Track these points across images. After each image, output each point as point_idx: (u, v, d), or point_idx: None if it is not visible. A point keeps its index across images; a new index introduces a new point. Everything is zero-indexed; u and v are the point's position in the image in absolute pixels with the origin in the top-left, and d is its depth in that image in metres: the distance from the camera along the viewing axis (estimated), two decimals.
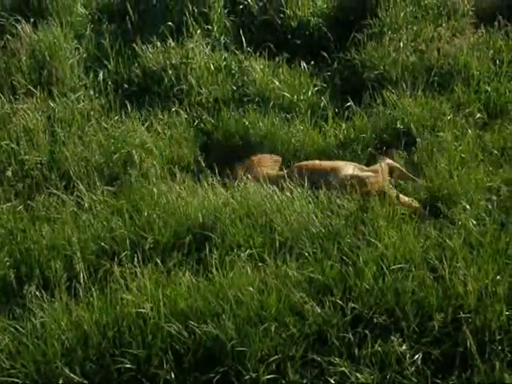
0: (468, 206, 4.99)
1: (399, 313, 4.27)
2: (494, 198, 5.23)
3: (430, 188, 5.38)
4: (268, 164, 5.88)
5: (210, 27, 7.67)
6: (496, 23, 7.53)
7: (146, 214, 4.99)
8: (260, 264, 4.55)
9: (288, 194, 5.21)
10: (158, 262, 4.61)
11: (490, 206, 5.00)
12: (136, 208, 5.05)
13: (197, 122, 6.51)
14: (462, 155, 5.87)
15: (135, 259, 4.58)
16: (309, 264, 4.62)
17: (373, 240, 4.68)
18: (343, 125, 6.44)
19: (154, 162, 5.49)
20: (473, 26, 7.71)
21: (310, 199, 5.28)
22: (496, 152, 5.89)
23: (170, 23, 7.45)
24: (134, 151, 5.62)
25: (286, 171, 5.75)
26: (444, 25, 7.69)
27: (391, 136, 6.29)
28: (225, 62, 7.21)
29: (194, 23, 7.53)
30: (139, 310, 4.18)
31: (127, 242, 4.77)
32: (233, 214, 4.96)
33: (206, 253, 4.62)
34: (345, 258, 4.66)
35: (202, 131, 6.38)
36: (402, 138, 6.20)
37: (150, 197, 5.11)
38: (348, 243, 4.73)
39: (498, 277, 4.41)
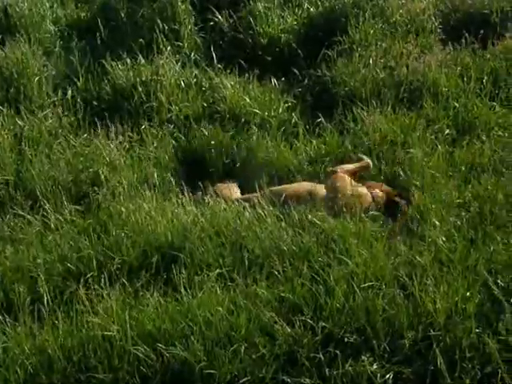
0: (438, 223, 4.96)
1: (370, 331, 4.20)
2: (464, 213, 5.23)
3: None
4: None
5: (180, 44, 7.61)
6: (463, 40, 7.61)
7: (113, 233, 4.88)
8: (230, 284, 4.46)
9: (259, 211, 5.16)
10: (126, 282, 4.50)
11: (459, 223, 4.98)
12: (104, 227, 4.93)
13: (168, 139, 6.45)
14: (432, 171, 5.87)
15: (102, 280, 4.47)
16: (279, 283, 4.55)
17: (344, 258, 4.63)
18: (314, 141, 6.40)
19: (123, 181, 5.36)
20: (441, 42, 7.74)
21: (282, 217, 5.24)
22: (464, 168, 5.91)
23: (140, 40, 7.38)
24: (101, 170, 5.50)
25: (257, 194, 5.68)
26: (412, 42, 7.71)
27: (362, 152, 6.29)
28: (195, 79, 7.14)
29: (164, 40, 7.46)
30: (105, 333, 4.07)
31: (94, 262, 4.65)
32: (202, 232, 4.87)
33: (175, 273, 4.52)
34: (315, 276, 4.60)
35: (173, 148, 6.30)
36: (373, 155, 6.21)
37: (117, 216, 5.00)
38: (319, 261, 4.67)
39: (468, 293, 4.39)
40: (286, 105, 6.95)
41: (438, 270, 4.55)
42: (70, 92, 6.87)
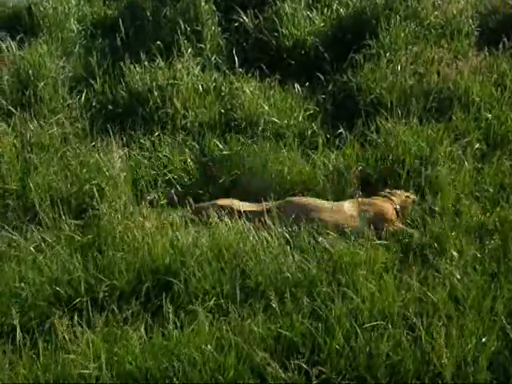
0: (456, 254, 4.44)
1: (371, 380, 3.74)
2: (487, 242, 4.69)
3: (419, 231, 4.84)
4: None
5: (202, 46, 7.17)
6: (501, 45, 6.98)
7: (108, 253, 4.50)
8: (222, 318, 4.03)
9: (264, 233, 4.71)
10: (115, 309, 4.12)
11: (479, 255, 4.44)
12: (98, 247, 4.56)
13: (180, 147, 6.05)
14: (457, 192, 5.33)
15: (89, 307, 4.10)
16: (277, 316, 4.12)
17: (349, 292, 4.15)
18: (333, 154, 5.89)
19: (124, 197, 4.95)
20: (476, 47, 7.11)
21: (289, 238, 4.78)
22: (492, 189, 5.34)
23: (159, 41, 6.97)
24: (104, 182, 5.12)
25: (272, 204, 5.25)
26: (446, 46, 7.12)
27: (384, 168, 5.78)
28: (214, 84, 6.70)
29: (185, 41, 7.02)
30: (82, 372, 3.70)
31: (82, 286, 4.27)
32: (201, 256, 4.46)
33: (167, 302, 4.11)
34: (317, 309, 4.15)
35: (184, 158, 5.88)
36: (395, 171, 5.70)
37: (113, 234, 4.62)
38: (322, 293, 4.20)
39: (483, 339, 3.88)
40: (307, 113, 6.47)
41: (451, 309, 4.05)
42: (84, 95, 6.54)
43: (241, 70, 6.83)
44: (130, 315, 4.09)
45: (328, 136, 6.24)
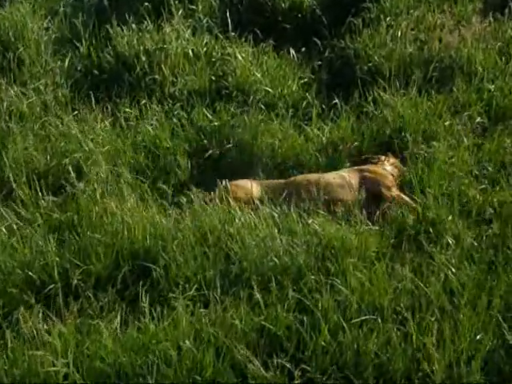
0: (452, 241, 4.11)
1: (357, 381, 3.47)
2: (485, 227, 4.36)
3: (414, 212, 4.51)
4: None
5: (193, 7, 6.69)
6: (507, 10, 6.49)
7: (85, 235, 4.18)
8: (202, 310, 3.73)
9: (251, 215, 4.37)
10: (91, 296, 3.82)
11: (476, 243, 4.12)
12: (75, 228, 4.23)
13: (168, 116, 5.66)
14: (454, 170, 4.98)
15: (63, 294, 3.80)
16: (261, 308, 3.82)
17: (337, 283, 3.83)
18: (327, 127, 5.50)
19: (103, 174, 4.58)
20: (480, 13, 6.63)
21: (278, 220, 4.45)
22: (492, 168, 4.99)
23: (148, 2, 6.46)
24: (84, 157, 4.74)
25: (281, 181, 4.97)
26: (449, 11, 6.66)
27: (380, 142, 5.41)
28: (205, 48, 6.27)
29: (175, 2, 6.55)
30: (49, 369, 3.42)
31: (56, 271, 3.96)
32: (183, 240, 4.14)
33: (145, 290, 3.80)
34: (304, 299, 3.85)
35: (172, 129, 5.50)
36: (392, 145, 5.33)
37: (92, 214, 4.28)
38: (309, 282, 3.89)
39: (478, 336, 3.59)
40: (302, 81, 6.07)
41: (445, 303, 3.74)
42: (68, 59, 6.11)
43: (234, 33, 6.40)
44: (106, 304, 3.79)
45: (323, 106, 5.86)
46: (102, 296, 3.83)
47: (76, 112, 5.40)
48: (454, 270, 3.86)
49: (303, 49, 6.42)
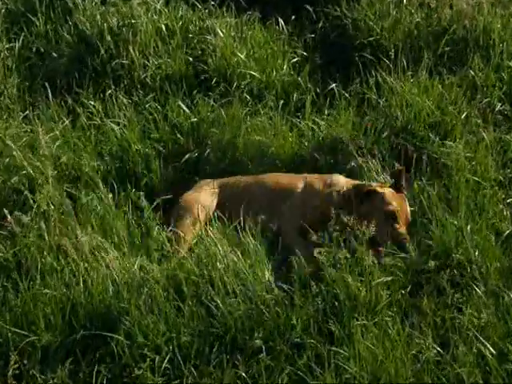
0: (483, 289, 3.15)
1: None
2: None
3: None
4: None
5: None
6: None
7: (31, 288, 3.21)
8: None
9: (238, 253, 3.40)
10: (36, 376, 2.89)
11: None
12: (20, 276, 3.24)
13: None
14: (475, 178, 3.98)
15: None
16: None
17: (342, 356, 2.90)
18: (323, 121, 4.46)
19: (57, 197, 3.56)
20: None
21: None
22: None
23: None
24: (34, 174, 3.68)
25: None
26: None
27: (383, 140, 4.37)
28: (181, 22, 5.13)
29: None
30: None
31: None
32: (151, 291, 3.18)
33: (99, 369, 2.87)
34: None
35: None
36: (398, 145, 4.30)
37: (41, 257, 3.29)
38: (308, 350, 2.97)
39: None
40: (293, 60, 4.97)
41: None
42: (22, 39, 4.96)
43: (213, 2, 5.24)
44: None
45: (317, 91, 4.80)
46: (51, 377, 2.90)
47: (28, 111, 4.31)
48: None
49: (293, 17, 5.30)
